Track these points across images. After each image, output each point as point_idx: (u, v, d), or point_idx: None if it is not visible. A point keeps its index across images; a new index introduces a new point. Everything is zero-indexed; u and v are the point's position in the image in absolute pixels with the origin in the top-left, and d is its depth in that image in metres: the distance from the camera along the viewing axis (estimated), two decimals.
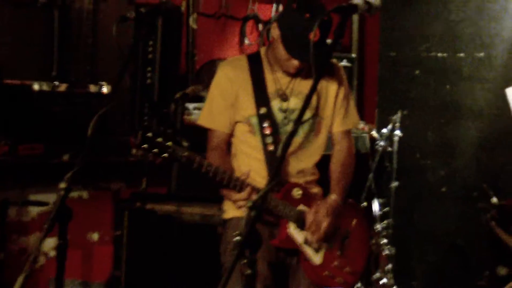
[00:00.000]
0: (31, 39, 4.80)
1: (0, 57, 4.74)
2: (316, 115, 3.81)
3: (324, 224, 3.68)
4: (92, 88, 4.86)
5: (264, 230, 3.64)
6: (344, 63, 6.11)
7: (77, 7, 4.90)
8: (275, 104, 3.76)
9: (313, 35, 3.39)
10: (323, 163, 3.94)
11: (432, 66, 5.89)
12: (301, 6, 3.62)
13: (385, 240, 5.35)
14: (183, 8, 5.67)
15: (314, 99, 3.78)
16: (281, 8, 6.33)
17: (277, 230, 3.73)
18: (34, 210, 5.01)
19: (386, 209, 5.47)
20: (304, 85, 3.76)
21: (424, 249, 5.88)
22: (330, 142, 3.98)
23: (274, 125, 3.74)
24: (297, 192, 3.73)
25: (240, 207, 3.65)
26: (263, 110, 3.73)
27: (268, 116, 3.74)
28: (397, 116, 5.51)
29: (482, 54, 5.69)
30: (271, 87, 3.77)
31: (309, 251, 3.74)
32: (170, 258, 4.71)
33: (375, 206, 5.44)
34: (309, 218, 3.70)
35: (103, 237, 5.38)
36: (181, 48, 5.52)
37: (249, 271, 2.73)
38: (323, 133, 3.87)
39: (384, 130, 5.51)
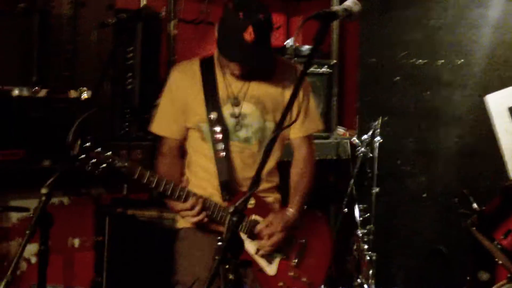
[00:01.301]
0: (10, 44, 4.76)
1: None
2: (267, 120, 3.69)
3: (275, 237, 3.62)
4: (72, 93, 4.82)
5: (213, 241, 3.56)
6: (324, 69, 6.12)
7: (57, 13, 4.86)
8: (226, 109, 3.65)
9: (249, 35, 3.35)
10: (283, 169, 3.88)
11: (412, 72, 5.92)
12: (237, 6, 3.48)
13: (366, 246, 5.36)
14: (163, 14, 5.66)
15: (269, 103, 3.68)
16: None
17: None
18: (15, 216, 4.97)
19: (367, 215, 5.48)
20: (258, 89, 3.66)
21: (405, 254, 5.89)
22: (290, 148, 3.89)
23: (225, 131, 3.63)
24: (249, 202, 3.58)
25: (184, 217, 3.59)
26: (213, 116, 3.63)
27: (219, 121, 3.63)
28: (378, 123, 5.54)
29: (461, 61, 5.71)
30: (222, 92, 3.66)
31: (261, 262, 3.68)
32: (151, 263, 4.69)
33: (356, 212, 5.45)
34: (261, 230, 3.63)
35: (84, 243, 5.34)
36: (161, 54, 5.51)
37: (231, 276, 2.72)
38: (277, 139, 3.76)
39: (365, 136, 5.53)
